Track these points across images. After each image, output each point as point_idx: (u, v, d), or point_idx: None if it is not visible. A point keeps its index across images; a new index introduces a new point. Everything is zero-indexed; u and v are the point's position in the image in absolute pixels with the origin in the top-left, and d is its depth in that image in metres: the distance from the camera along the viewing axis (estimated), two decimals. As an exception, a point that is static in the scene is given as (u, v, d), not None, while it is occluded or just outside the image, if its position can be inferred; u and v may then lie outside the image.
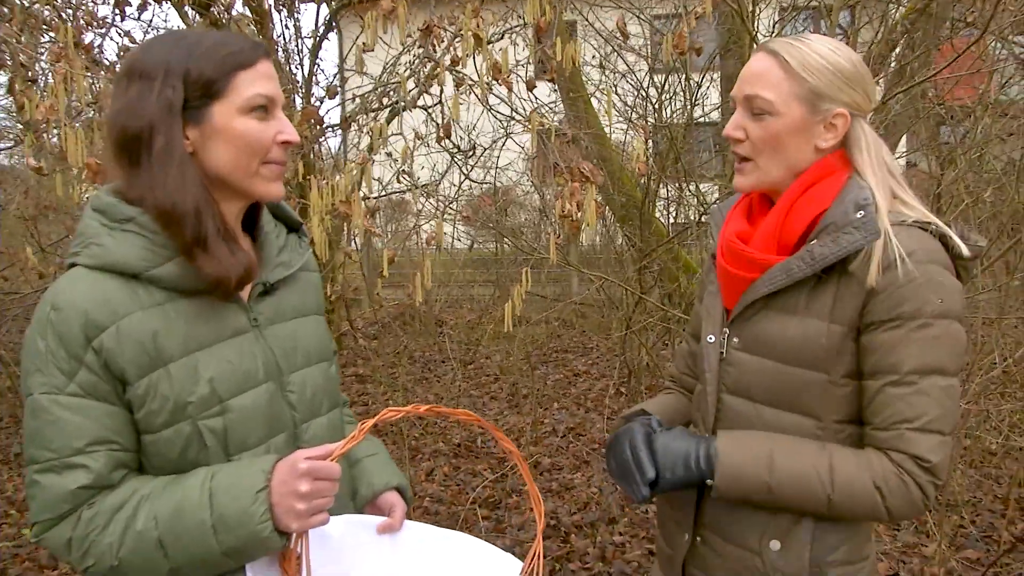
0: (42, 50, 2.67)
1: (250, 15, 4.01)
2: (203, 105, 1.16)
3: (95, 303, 1.12)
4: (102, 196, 1.19)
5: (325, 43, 4.64)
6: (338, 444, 1.15)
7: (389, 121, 3.67)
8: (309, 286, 1.40)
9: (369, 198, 2.85)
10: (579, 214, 2.36)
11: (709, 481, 1.29)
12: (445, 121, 3.09)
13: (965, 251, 1.26)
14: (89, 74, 2.28)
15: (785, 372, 1.30)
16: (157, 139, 1.13)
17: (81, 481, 1.11)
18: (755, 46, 1.39)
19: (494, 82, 2.66)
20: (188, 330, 1.17)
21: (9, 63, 2.38)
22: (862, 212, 1.24)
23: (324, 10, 4.52)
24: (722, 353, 1.38)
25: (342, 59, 5.10)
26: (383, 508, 1.41)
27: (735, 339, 1.36)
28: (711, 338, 1.40)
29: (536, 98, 3.44)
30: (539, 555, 1.29)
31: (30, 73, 2.38)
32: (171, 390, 1.14)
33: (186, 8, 4.00)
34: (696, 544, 1.44)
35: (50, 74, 2.34)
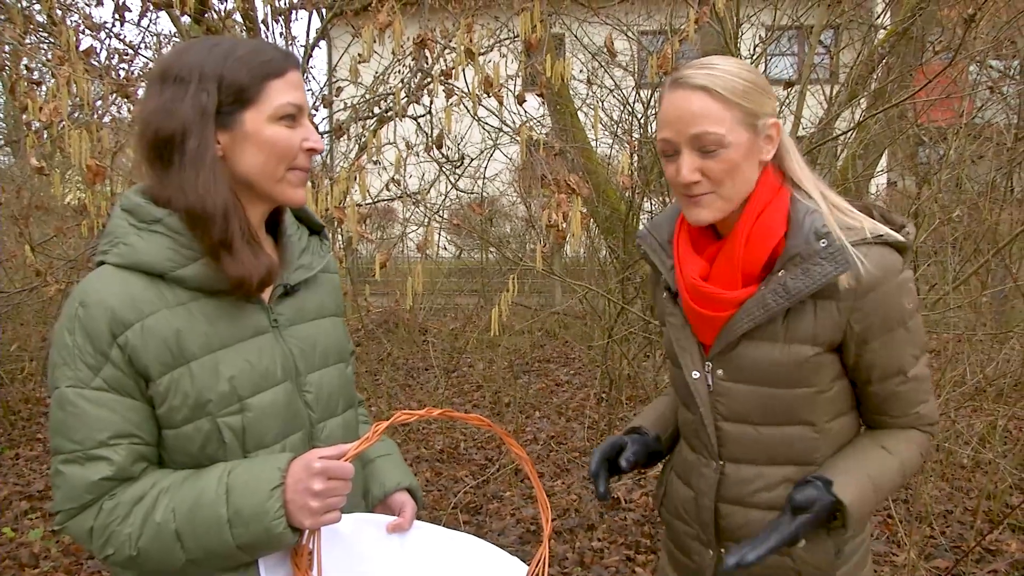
0: (40, 52, 2.71)
1: (242, 21, 4.06)
2: (235, 111, 1.19)
3: (122, 301, 1.15)
4: (131, 196, 1.22)
5: (315, 51, 4.70)
6: (352, 444, 1.18)
7: (376, 131, 3.73)
8: (329, 288, 1.43)
9: (361, 205, 2.91)
10: (565, 225, 2.42)
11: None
12: (437, 132, 3.16)
13: (909, 242, 1.34)
14: (89, 77, 2.33)
15: (776, 394, 1.35)
16: (190, 141, 1.16)
17: (103, 473, 1.14)
18: (664, 81, 1.42)
19: (484, 95, 2.73)
20: (210, 329, 1.20)
21: (8, 65, 2.42)
22: (824, 241, 1.27)
23: (315, 18, 4.58)
24: (709, 385, 1.41)
25: (331, 68, 5.15)
26: (393, 508, 1.44)
27: (719, 371, 1.39)
28: (696, 374, 1.42)
29: (525, 111, 3.51)
30: (545, 559, 1.32)
31: (35, 75, 2.42)
32: (192, 387, 1.17)
33: (176, 12, 4.04)
34: (722, 556, 1.47)
35: (49, 77, 2.38)
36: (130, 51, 3.65)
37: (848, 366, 1.37)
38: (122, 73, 3.48)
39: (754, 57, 4.27)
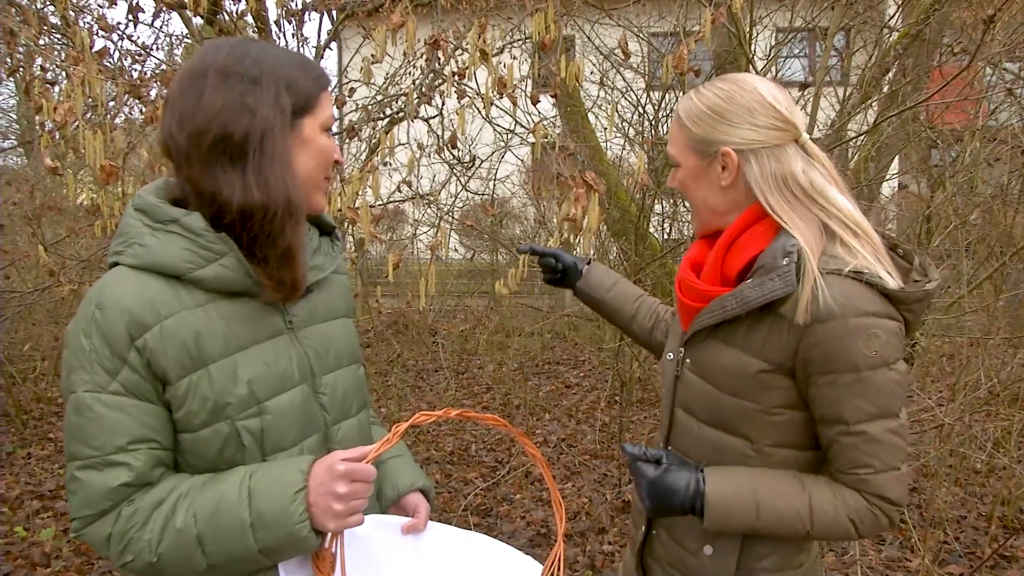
0: (55, 52, 2.72)
1: (253, 23, 4.07)
2: (298, 116, 1.20)
3: (139, 303, 1.13)
4: (144, 196, 1.20)
5: (326, 52, 4.70)
6: (373, 446, 1.17)
7: (387, 131, 3.73)
8: (340, 289, 1.43)
9: (374, 206, 2.90)
10: (582, 218, 2.42)
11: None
12: (451, 133, 3.15)
13: (892, 287, 1.24)
14: (103, 78, 2.33)
15: (722, 398, 1.35)
16: (272, 141, 1.16)
17: (122, 479, 1.13)
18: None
19: (497, 95, 2.72)
20: (228, 331, 1.19)
21: (22, 66, 2.44)
22: (787, 260, 1.25)
23: (326, 19, 4.58)
24: (677, 372, 1.45)
25: (342, 69, 5.16)
26: (407, 509, 1.43)
27: (688, 360, 1.43)
28: (670, 356, 1.49)
29: (538, 111, 3.50)
30: (560, 558, 1.32)
31: (48, 75, 2.43)
32: (211, 391, 1.16)
33: (189, 13, 4.05)
34: (652, 535, 1.56)
35: (64, 78, 2.39)
36: (143, 52, 3.66)
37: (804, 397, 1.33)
38: (135, 74, 3.49)
39: (768, 59, 4.25)
